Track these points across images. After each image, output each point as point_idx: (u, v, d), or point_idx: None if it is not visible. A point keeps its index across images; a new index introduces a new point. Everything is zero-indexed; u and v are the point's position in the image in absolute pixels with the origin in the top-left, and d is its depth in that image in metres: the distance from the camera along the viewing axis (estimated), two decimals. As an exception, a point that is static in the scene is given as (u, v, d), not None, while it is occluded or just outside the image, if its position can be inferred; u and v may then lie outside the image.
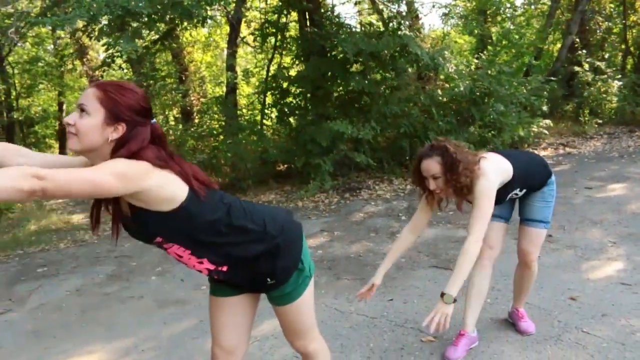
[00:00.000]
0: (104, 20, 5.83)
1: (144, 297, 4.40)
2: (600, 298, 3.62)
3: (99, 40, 6.60)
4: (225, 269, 1.85)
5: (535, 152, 10.01)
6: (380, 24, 10.29)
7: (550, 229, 5.18)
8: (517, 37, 14.13)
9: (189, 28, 10.42)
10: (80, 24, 6.23)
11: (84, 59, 15.22)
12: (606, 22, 15.68)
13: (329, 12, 10.26)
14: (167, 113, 12.56)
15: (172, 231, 1.70)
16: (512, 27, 14.92)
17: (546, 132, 10.76)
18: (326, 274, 4.60)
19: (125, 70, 12.66)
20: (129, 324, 3.89)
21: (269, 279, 1.90)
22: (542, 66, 14.89)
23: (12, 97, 16.86)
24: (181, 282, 4.69)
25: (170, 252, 1.80)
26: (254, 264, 1.86)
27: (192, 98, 13.22)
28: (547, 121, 10.76)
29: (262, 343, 3.36)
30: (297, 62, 10.04)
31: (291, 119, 9.54)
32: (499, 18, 15.15)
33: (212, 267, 1.84)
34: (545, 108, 11.22)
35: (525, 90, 10.57)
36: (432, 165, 2.62)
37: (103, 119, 1.57)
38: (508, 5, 15.14)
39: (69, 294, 4.63)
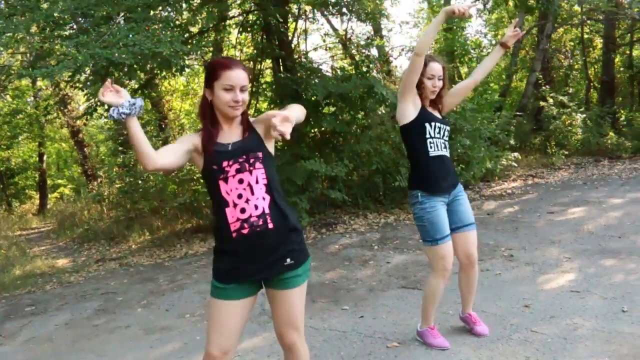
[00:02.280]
0: (88, 71, 6.28)
1: (130, 327, 4.69)
2: (551, 304, 4.02)
3: (83, 90, 7.03)
4: (271, 226, 2.23)
5: (505, 184, 10.57)
6: (351, 67, 10.89)
7: (512, 249, 5.66)
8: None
9: (167, 77, 10.90)
10: (65, 75, 6.65)
11: (65, 110, 15.64)
12: (567, 60, 16.61)
13: (302, 58, 10.86)
14: (147, 160, 12.89)
15: (270, 160, 2.32)
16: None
17: (515, 164, 11.33)
18: (302, 298, 4.93)
19: (106, 120, 13.06)
20: (118, 349, 4.17)
21: (288, 259, 2.26)
22: (509, 102, 15.64)
23: (-7, 149, 17.19)
24: (166, 312, 4.99)
25: (247, 173, 2.25)
26: (290, 233, 2.29)
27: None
28: (516, 154, 11.34)
29: (243, 358, 3.67)
30: (272, 107, 10.53)
31: (268, 160, 9.96)
32: (466, 58, 15.93)
33: (267, 209, 2.24)
34: (513, 142, 11.84)
35: (494, 126, 11.16)
36: (441, 70, 3.29)
37: None
38: (473, 46, 15.99)
39: (58, 327, 4.89)
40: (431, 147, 3.27)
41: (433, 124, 3.28)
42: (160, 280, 6.29)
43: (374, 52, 12.32)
